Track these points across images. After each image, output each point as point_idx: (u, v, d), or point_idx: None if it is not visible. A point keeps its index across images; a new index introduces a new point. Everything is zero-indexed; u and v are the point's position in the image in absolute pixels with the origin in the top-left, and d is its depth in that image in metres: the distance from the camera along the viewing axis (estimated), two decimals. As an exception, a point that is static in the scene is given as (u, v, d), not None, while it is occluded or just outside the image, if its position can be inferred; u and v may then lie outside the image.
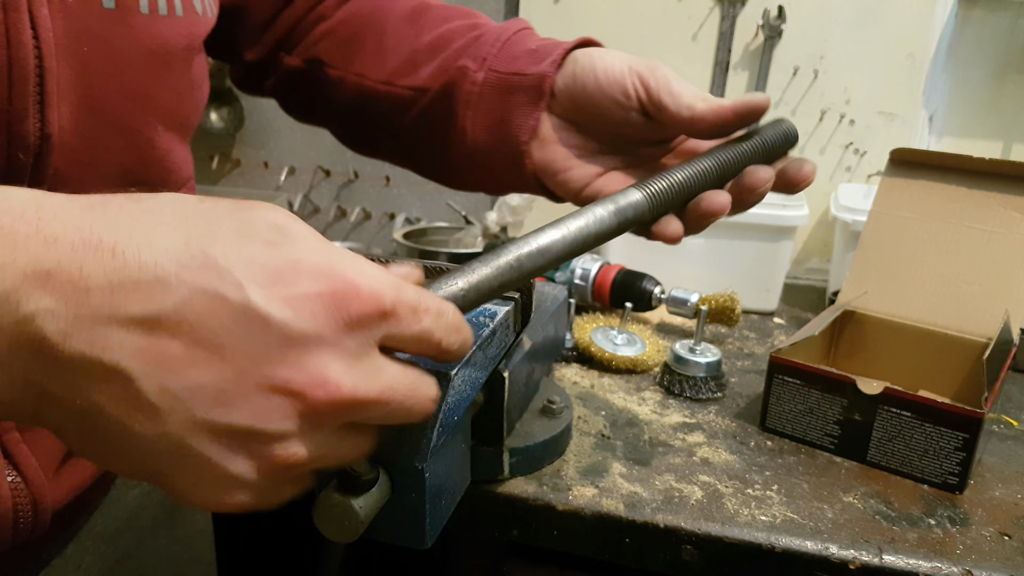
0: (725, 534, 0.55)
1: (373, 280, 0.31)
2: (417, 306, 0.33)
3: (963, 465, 0.60)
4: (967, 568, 0.52)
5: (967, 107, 1.18)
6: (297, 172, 1.38)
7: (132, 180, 0.50)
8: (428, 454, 0.42)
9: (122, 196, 0.30)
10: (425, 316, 0.33)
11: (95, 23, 0.44)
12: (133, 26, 0.46)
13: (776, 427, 0.69)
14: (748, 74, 1.22)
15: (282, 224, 0.31)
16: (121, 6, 0.45)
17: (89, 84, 0.44)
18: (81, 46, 0.43)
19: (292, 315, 0.29)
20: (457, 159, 0.64)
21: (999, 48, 1.14)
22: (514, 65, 0.60)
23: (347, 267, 0.31)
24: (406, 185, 1.34)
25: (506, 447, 0.57)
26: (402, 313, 0.32)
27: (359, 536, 0.40)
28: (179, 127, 0.54)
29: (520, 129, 0.59)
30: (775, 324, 1.01)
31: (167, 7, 0.48)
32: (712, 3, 1.20)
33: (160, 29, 0.48)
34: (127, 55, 0.46)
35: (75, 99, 0.44)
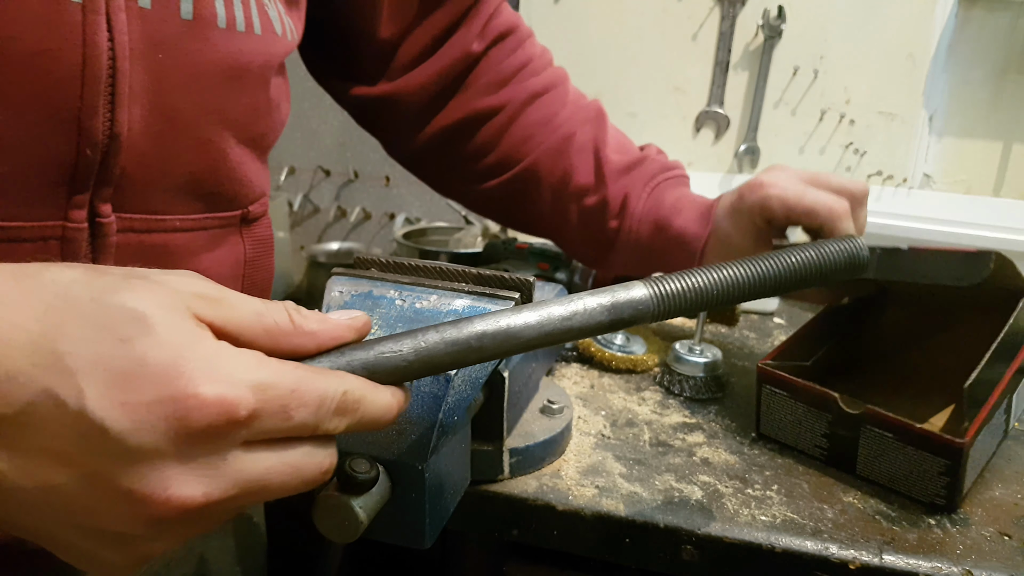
0: (725, 534, 0.55)
1: (224, 387, 0.29)
2: (287, 404, 0.31)
3: (949, 488, 0.58)
4: (967, 568, 0.52)
5: (967, 107, 1.18)
6: (297, 172, 1.38)
7: (203, 189, 0.51)
8: (428, 454, 0.42)
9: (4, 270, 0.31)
10: (300, 411, 0.32)
11: (171, 32, 0.45)
12: (209, 39, 0.47)
13: (769, 434, 0.68)
14: (748, 74, 1.22)
15: (142, 314, 0.30)
16: (199, 19, 0.46)
17: (163, 90, 0.45)
18: (156, 53, 0.45)
19: (130, 426, 0.28)
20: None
21: (999, 48, 1.14)
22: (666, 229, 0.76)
23: (197, 371, 0.29)
24: (406, 185, 1.34)
25: (506, 447, 0.57)
26: (268, 412, 0.31)
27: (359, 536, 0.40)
28: (252, 142, 0.55)
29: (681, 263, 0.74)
30: (775, 324, 1.01)
31: (245, 24, 0.49)
32: (712, 3, 1.20)
33: (237, 45, 0.49)
34: (202, 66, 0.47)
35: (147, 103, 0.45)
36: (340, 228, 1.39)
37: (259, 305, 0.34)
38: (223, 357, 0.30)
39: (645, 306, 0.39)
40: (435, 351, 0.36)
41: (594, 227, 0.78)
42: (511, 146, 0.78)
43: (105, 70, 0.42)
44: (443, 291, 0.50)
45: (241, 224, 0.57)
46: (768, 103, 1.22)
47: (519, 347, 0.37)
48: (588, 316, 0.38)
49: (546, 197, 0.79)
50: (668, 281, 0.39)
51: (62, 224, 0.44)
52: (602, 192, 0.77)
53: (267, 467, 0.31)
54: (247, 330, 0.33)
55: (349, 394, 0.34)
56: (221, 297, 0.33)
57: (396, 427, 0.43)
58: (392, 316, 0.48)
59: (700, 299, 0.40)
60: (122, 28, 0.42)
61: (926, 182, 1.21)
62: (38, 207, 0.43)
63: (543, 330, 0.38)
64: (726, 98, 1.23)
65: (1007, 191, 1.19)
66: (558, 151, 0.78)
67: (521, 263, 0.96)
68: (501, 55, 0.78)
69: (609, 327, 0.39)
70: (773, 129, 1.24)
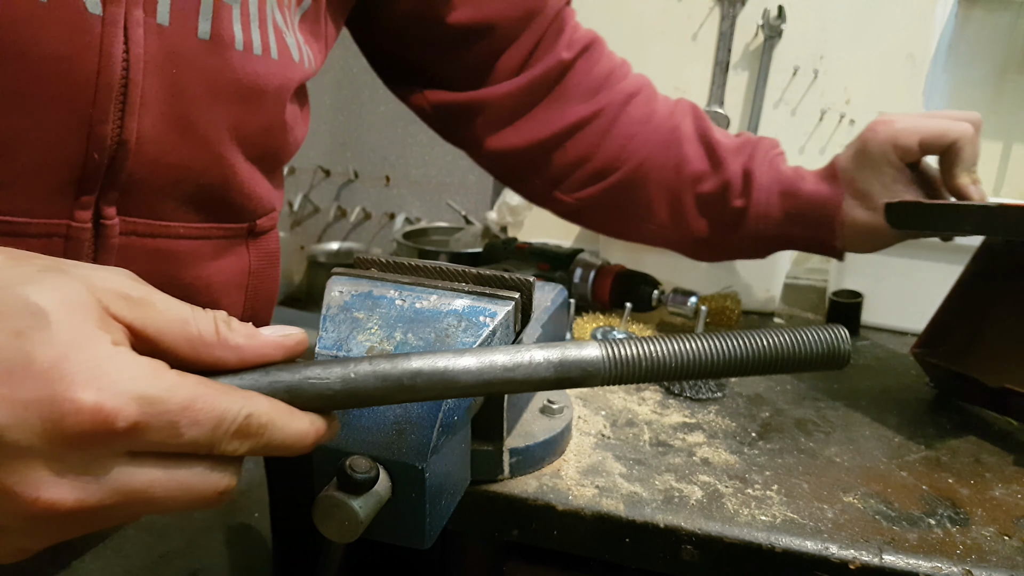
0: (725, 534, 0.55)
1: (104, 396, 0.29)
2: (177, 420, 0.30)
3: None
4: (967, 568, 0.52)
5: (967, 107, 1.18)
6: (297, 172, 1.38)
7: (211, 200, 0.52)
8: (428, 454, 0.42)
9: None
10: (192, 429, 0.30)
11: (188, 50, 0.47)
12: (226, 59, 0.49)
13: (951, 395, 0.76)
14: (748, 74, 1.22)
15: (41, 309, 0.29)
16: (216, 39, 0.48)
17: (177, 102, 0.47)
18: (171, 67, 0.46)
19: (6, 421, 0.28)
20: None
21: (999, 48, 1.14)
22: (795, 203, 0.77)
23: (79, 376, 0.28)
24: (406, 185, 1.34)
25: (506, 447, 0.57)
26: (154, 426, 0.30)
27: (359, 536, 0.40)
28: (263, 160, 0.56)
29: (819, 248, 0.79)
30: (775, 324, 1.01)
31: (262, 48, 0.51)
32: (712, 3, 1.20)
33: (253, 67, 0.51)
34: (218, 83, 0.49)
35: (160, 113, 0.47)
36: (340, 228, 1.39)
37: (186, 312, 0.33)
38: (114, 363, 0.29)
39: (596, 368, 0.36)
40: (364, 383, 0.35)
41: (715, 211, 0.79)
42: (614, 149, 0.79)
43: (118, 79, 0.44)
44: (443, 291, 0.50)
45: (248, 236, 0.58)
46: (768, 103, 1.22)
47: (454, 392, 0.36)
48: (532, 370, 0.36)
49: (657, 193, 0.79)
50: (625, 346, 0.37)
51: (67, 223, 0.45)
52: (721, 174, 0.78)
53: (150, 480, 0.31)
54: (168, 336, 0.32)
55: (254, 418, 0.32)
56: (145, 298, 0.32)
57: (396, 427, 0.43)
58: (392, 316, 0.48)
59: (657, 369, 0.37)
60: (138, 41, 0.44)
61: (926, 182, 1.22)
62: (46, 204, 0.45)
63: (482, 377, 0.36)
64: (726, 98, 1.23)
65: (1007, 191, 1.19)
66: (666, 144, 0.79)
67: (521, 263, 0.96)
68: (589, 64, 0.80)
69: (554, 384, 0.37)
70: (773, 129, 1.24)
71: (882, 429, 0.72)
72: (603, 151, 0.79)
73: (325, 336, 0.46)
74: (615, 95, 0.80)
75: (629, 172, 0.79)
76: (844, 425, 0.72)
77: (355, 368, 0.35)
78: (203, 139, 0.49)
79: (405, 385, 0.35)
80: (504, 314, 0.49)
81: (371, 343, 0.45)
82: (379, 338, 0.46)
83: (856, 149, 0.75)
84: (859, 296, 0.98)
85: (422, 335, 0.46)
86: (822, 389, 0.81)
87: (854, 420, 0.74)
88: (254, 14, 0.50)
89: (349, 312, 0.48)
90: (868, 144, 0.73)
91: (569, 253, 0.97)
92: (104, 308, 0.31)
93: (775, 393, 0.79)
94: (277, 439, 0.33)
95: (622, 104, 0.80)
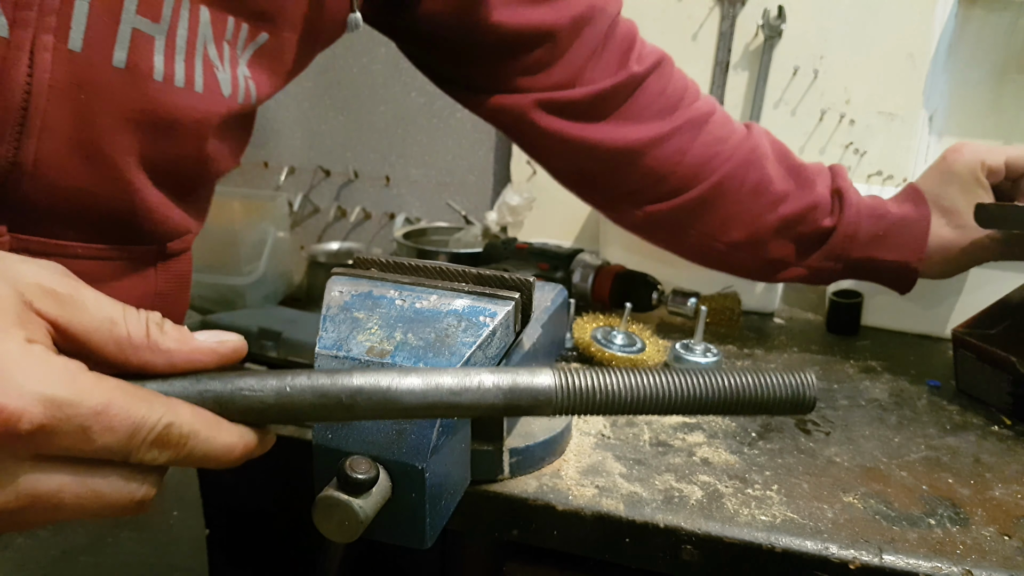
0: (725, 534, 0.55)
1: (8, 397, 0.28)
2: (88, 426, 0.29)
3: None
4: (967, 568, 0.52)
5: (967, 107, 1.18)
6: (297, 172, 1.38)
7: (115, 223, 0.51)
8: (428, 454, 0.42)
9: None
10: (104, 436, 0.30)
11: (100, 77, 0.46)
12: (141, 89, 0.48)
13: (966, 390, 0.79)
14: (748, 74, 1.22)
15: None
16: (132, 68, 0.47)
17: (84, 129, 0.46)
18: (79, 93, 0.46)
19: None
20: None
21: (999, 48, 1.14)
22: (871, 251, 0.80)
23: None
24: (406, 185, 1.34)
25: (506, 447, 0.57)
26: (63, 431, 0.29)
27: (359, 536, 0.40)
28: (176, 188, 0.55)
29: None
30: (775, 324, 1.01)
31: (185, 80, 0.50)
32: (712, 3, 1.20)
33: (172, 99, 0.49)
34: (128, 113, 0.48)
35: (65, 138, 0.46)
36: (340, 228, 1.39)
37: (116, 312, 0.32)
38: (21, 364, 0.28)
39: (547, 397, 0.35)
40: (299, 399, 0.34)
41: (800, 230, 0.80)
42: (693, 167, 0.79)
43: (18, 103, 0.43)
44: (443, 291, 0.50)
45: (157, 259, 0.56)
46: (768, 103, 1.22)
47: (395, 413, 0.34)
48: (480, 395, 0.35)
49: (734, 212, 0.80)
50: (580, 376, 0.35)
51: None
52: (808, 194, 0.79)
53: (59, 485, 0.30)
54: (94, 336, 0.32)
55: (175, 427, 0.31)
56: (74, 296, 0.31)
57: (396, 427, 0.43)
58: (392, 316, 0.48)
59: (612, 402, 0.35)
60: (44, 67, 0.44)
61: (926, 182, 1.22)
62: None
63: (427, 400, 0.34)
64: (726, 98, 1.23)
65: (1007, 191, 1.19)
66: (747, 163, 0.80)
67: (521, 263, 0.96)
68: (662, 81, 0.81)
69: (503, 411, 0.35)
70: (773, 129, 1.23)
71: (882, 429, 0.72)
72: (681, 169, 0.79)
73: (325, 336, 0.46)
74: (692, 113, 0.81)
75: (706, 190, 0.80)
76: (844, 425, 0.72)
77: (291, 382, 0.34)
78: (110, 166, 0.48)
79: (344, 403, 0.34)
80: (504, 314, 0.49)
81: (371, 343, 0.45)
82: (379, 338, 0.46)
83: (941, 170, 0.78)
84: (859, 296, 0.98)
85: (422, 335, 0.46)
86: (822, 389, 0.81)
87: (854, 420, 0.74)
88: (181, 47, 0.49)
89: (349, 312, 0.48)
90: (954, 164, 0.77)
91: (569, 253, 0.97)
92: (27, 303, 0.30)
93: (775, 393, 0.79)
94: (200, 451, 0.32)
95: (700, 123, 0.80)
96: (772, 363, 0.87)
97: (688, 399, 0.36)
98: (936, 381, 0.84)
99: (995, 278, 0.90)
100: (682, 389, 0.36)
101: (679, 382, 0.36)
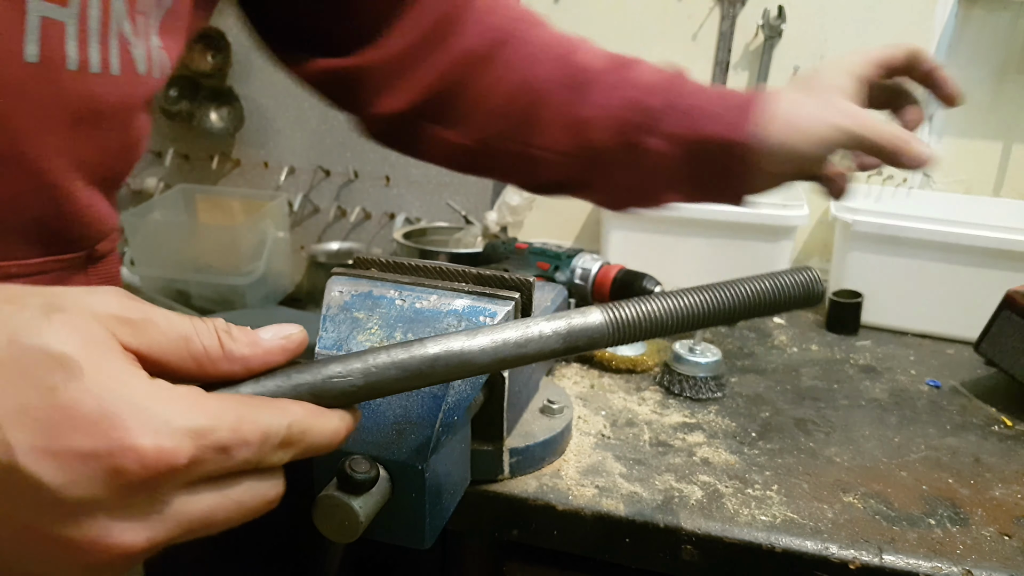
0: (725, 534, 0.55)
1: (161, 438, 0.28)
2: (228, 445, 0.30)
3: None
4: (967, 568, 0.52)
5: (967, 107, 1.17)
6: (297, 172, 1.38)
7: (46, 233, 0.48)
8: (428, 454, 0.42)
9: None
10: (241, 451, 0.31)
11: (14, 76, 0.42)
12: (58, 82, 0.44)
13: (987, 355, 0.79)
14: (748, 74, 1.22)
15: (67, 358, 0.28)
16: (46, 61, 0.43)
17: (4, 135, 0.43)
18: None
19: (64, 479, 0.27)
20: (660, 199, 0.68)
21: (999, 48, 1.14)
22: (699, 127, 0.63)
23: (131, 421, 0.28)
24: (406, 185, 1.34)
25: (506, 447, 0.57)
26: (208, 458, 0.30)
27: (359, 536, 0.40)
28: (105, 182, 0.52)
29: (728, 198, 0.65)
30: (775, 324, 1.01)
31: (101, 64, 0.46)
32: (712, 3, 1.20)
33: (89, 87, 0.46)
34: (49, 109, 0.44)
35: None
36: (340, 228, 1.39)
37: (187, 328, 0.32)
38: (158, 401, 0.29)
39: (600, 333, 0.39)
40: (384, 376, 0.36)
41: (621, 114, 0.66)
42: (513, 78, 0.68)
43: None
44: (443, 291, 0.50)
45: (87, 263, 0.54)
46: (768, 103, 1.22)
47: (471, 372, 0.37)
48: (543, 343, 0.38)
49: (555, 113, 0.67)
50: (624, 308, 0.39)
51: None
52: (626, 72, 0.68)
53: (209, 506, 0.31)
54: (173, 357, 0.32)
55: (294, 426, 0.32)
56: (145, 320, 0.31)
57: (396, 427, 0.43)
58: (392, 316, 0.48)
59: (656, 326, 0.40)
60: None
61: (926, 182, 1.21)
62: None
63: (497, 355, 0.37)
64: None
65: (1007, 191, 1.19)
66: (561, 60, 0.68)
67: (521, 263, 0.96)
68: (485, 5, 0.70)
69: (564, 352, 0.39)
70: (773, 129, 1.24)
71: (882, 429, 0.72)
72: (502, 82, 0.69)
73: (325, 336, 0.46)
74: (506, 22, 0.70)
75: (527, 96, 0.68)
76: (844, 425, 0.72)
77: (374, 362, 0.36)
78: (34, 171, 0.45)
79: (424, 372, 0.36)
80: (504, 314, 0.49)
81: (371, 343, 0.45)
82: (379, 338, 0.46)
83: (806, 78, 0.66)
84: (859, 296, 0.98)
85: (422, 335, 0.46)
86: (822, 389, 0.81)
87: (854, 420, 0.74)
88: (95, 29, 0.45)
89: (349, 312, 0.48)
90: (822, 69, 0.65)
91: (569, 253, 0.97)
92: (117, 340, 0.30)
93: (775, 393, 0.79)
94: (316, 442, 0.34)
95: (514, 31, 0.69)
96: (772, 363, 0.87)
97: (719, 310, 0.40)
98: (936, 381, 0.84)
99: (995, 278, 0.90)
100: (713, 303, 0.40)
101: (709, 297, 0.40)
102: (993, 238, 0.92)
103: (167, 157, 1.40)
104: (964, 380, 0.84)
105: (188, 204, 1.34)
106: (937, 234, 0.94)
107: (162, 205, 1.29)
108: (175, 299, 1.17)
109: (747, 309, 0.41)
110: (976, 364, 0.89)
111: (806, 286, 0.42)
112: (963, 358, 0.91)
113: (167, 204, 1.30)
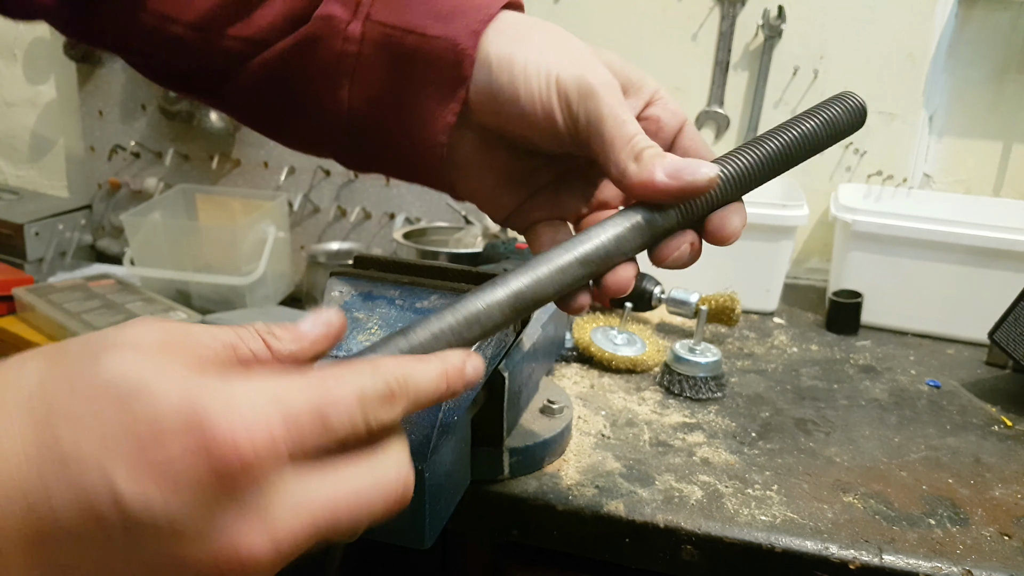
0: (725, 534, 0.55)
1: (247, 420, 0.27)
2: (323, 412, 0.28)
3: None
4: (967, 568, 0.52)
5: (967, 107, 1.18)
6: (297, 172, 1.38)
7: None
8: (428, 454, 0.42)
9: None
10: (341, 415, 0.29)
11: None
12: None
13: (1001, 342, 0.79)
14: (748, 74, 1.22)
15: (131, 380, 0.27)
16: None
17: None
18: None
19: (169, 494, 0.26)
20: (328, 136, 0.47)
21: (999, 48, 1.14)
22: (408, 17, 0.43)
23: (212, 413, 0.26)
24: (406, 185, 1.34)
25: (506, 447, 0.57)
26: (306, 431, 0.28)
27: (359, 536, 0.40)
28: None
29: (431, 125, 0.43)
30: (775, 324, 1.01)
31: None
32: (712, 3, 1.20)
33: None
34: None
35: None
36: (340, 228, 1.39)
37: (231, 337, 0.31)
38: (236, 390, 0.27)
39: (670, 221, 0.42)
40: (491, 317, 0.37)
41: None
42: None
43: None
44: (443, 291, 0.50)
45: None
46: (768, 103, 1.22)
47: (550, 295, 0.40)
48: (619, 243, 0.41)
49: None
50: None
51: None
52: None
53: (327, 495, 0.29)
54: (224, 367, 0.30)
55: (390, 374, 0.30)
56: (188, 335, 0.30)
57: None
58: (392, 316, 0.48)
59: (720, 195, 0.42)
60: None
61: (926, 182, 1.21)
62: None
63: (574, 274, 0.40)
64: (726, 98, 1.23)
65: (1007, 191, 1.19)
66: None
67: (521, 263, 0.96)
68: None
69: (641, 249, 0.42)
70: (773, 129, 1.24)
71: (882, 429, 0.72)
72: None
73: (325, 336, 0.46)
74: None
75: None
76: (844, 425, 0.72)
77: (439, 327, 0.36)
78: None
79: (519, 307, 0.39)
80: (504, 314, 0.48)
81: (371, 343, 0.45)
82: (379, 338, 0.46)
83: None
84: (859, 296, 0.98)
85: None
86: (822, 389, 0.81)
87: (854, 420, 0.74)
88: None
89: (349, 312, 0.48)
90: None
91: (569, 253, 0.97)
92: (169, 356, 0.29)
93: (775, 393, 0.79)
94: (422, 387, 0.32)
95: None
96: (772, 363, 0.87)
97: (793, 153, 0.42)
98: (936, 381, 0.84)
99: (996, 278, 0.90)
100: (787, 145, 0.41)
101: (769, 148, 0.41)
102: (993, 238, 0.92)
103: (167, 157, 1.40)
104: (964, 380, 0.84)
105: (188, 204, 1.34)
106: (937, 234, 0.94)
107: (162, 205, 1.29)
108: (175, 299, 1.17)
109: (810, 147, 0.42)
110: (976, 364, 0.89)
111: (856, 112, 0.43)
112: (963, 358, 0.91)
113: (167, 204, 1.30)
